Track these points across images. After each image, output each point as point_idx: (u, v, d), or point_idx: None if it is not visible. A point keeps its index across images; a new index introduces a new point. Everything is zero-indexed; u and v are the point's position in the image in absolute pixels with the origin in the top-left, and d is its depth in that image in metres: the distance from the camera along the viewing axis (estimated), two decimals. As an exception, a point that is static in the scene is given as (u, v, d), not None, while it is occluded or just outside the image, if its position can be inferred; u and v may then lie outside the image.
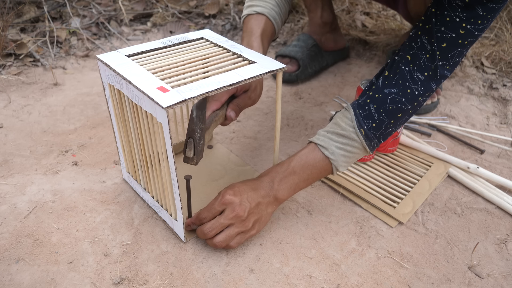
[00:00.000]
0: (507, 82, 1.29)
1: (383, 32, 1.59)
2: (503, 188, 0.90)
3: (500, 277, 0.71)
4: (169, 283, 0.67)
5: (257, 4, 0.88)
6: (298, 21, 1.71)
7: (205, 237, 0.70)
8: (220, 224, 0.69)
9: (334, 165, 0.74)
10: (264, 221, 0.74)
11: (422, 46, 0.71)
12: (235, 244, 0.71)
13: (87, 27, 1.58)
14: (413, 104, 0.73)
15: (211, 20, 1.72)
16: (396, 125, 0.75)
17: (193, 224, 0.74)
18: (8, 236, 0.74)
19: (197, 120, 0.64)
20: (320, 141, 0.74)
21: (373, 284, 0.69)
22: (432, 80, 0.72)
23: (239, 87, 0.78)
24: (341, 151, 0.73)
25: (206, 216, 0.71)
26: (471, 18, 0.67)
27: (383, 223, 0.81)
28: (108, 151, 0.96)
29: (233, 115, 0.77)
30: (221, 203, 0.70)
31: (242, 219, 0.70)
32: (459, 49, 0.70)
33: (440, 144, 1.03)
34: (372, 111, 0.73)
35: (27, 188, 0.85)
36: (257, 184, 0.74)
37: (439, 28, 0.69)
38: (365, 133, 0.73)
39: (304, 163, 0.74)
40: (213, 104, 0.74)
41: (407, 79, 0.72)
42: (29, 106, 1.12)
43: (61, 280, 0.67)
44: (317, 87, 1.27)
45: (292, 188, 0.75)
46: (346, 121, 0.74)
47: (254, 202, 0.71)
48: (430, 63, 0.71)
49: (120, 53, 0.72)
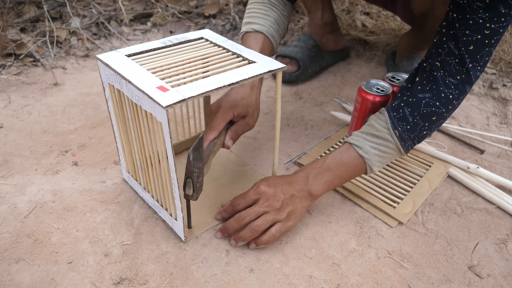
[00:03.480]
0: (507, 82, 1.29)
1: (383, 32, 1.59)
2: (503, 188, 0.89)
3: (500, 277, 0.71)
4: (169, 283, 0.67)
5: (256, 22, 0.89)
6: (298, 21, 1.71)
7: (239, 222, 0.72)
8: (255, 212, 0.71)
9: (368, 164, 0.75)
10: (300, 214, 0.75)
11: (450, 52, 0.71)
12: (277, 232, 0.71)
13: (87, 27, 1.58)
14: (448, 108, 0.74)
15: (211, 20, 1.72)
16: (431, 128, 0.76)
17: (224, 211, 0.76)
18: (8, 236, 0.74)
19: (194, 162, 0.66)
20: (354, 141, 0.76)
21: (373, 284, 0.69)
22: (465, 83, 0.73)
23: (235, 114, 0.79)
24: (375, 150, 0.74)
25: (240, 202, 0.74)
26: (494, 18, 0.67)
27: (383, 223, 0.81)
28: (108, 151, 0.96)
29: (230, 144, 0.79)
30: (255, 192, 0.73)
31: (277, 207, 0.71)
32: (487, 48, 0.70)
33: (440, 144, 1.03)
34: (406, 114, 0.74)
35: (27, 188, 0.85)
36: (292, 179, 0.76)
37: (463, 32, 0.69)
38: (400, 134, 0.74)
39: (338, 160, 0.75)
40: (210, 134, 0.76)
41: (440, 84, 0.73)
42: (29, 106, 1.12)
43: (61, 280, 0.67)
44: (317, 87, 1.27)
45: (326, 184, 0.76)
46: (380, 122, 0.75)
47: (288, 194, 0.73)
48: (461, 67, 0.71)
49: (120, 53, 0.72)
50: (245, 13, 0.93)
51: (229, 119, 0.79)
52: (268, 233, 0.71)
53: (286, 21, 0.95)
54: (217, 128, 0.77)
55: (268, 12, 0.90)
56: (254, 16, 0.90)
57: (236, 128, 0.80)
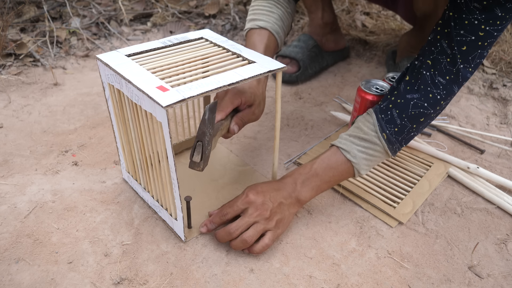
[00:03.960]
0: (507, 82, 1.29)
1: (383, 32, 1.59)
2: (503, 188, 0.89)
3: (500, 277, 0.71)
4: (169, 283, 0.67)
5: (260, 19, 0.88)
6: (298, 21, 1.71)
7: (230, 236, 0.70)
8: (245, 223, 0.70)
9: (356, 168, 0.75)
10: (288, 221, 0.75)
11: (442, 51, 0.71)
12: (270, 241, 0.71)
13: (87, 27, 1.58)
14: (436, 108, 0.73)
15: (211, 20, 1.72)
16: (418, 129, 0.76)
17: (211, 223, 0.74)
18: (8, 236, 0.74)
19: (208, 123, 0.63)
20: (342, 144, 0.75)
21: (373, 284, 0.69)
22: (454, 83, 0.72)
23: (243, 101, 0.77)
24: (363, 154, 0.74)
25: (228, 212, 0.73)
26: (489, 20, 0.66)
27: (383, 223, 0.80)
28: (108, 151, 0.96)
29: (236, 129, 0.77)
30: (244, 201, 0.72)
31: (266, 217, 0.71)
32: (480, 50, 0.69)
33: (440, 144, 1.03)
34: (394, 116, 0.73)
35: (27, 188, 0.85)
36: (279, 185, 0.75)
37: (458, 31, 0.69)
38: (387, 137, 0.74)
39: (326, 165, 0.75)
40: (217, 114, 0.74)
41: (429, 83, 0.72)
42: (29, 106, 1.12)
43: (61, 280, 0.67)
44: (317, 87, 1.27)
45: (314, 190, 0.75)
46: (368, 125, 0.75)
47: (277, 202, 0.72)
48: (452, 67, 0.71)
49: (120, 53, 0.72)
50: (249, 10, 0.93)
51: (237, 104, 0.76)
52: (262, 243, 0.70)
53: (290, 18, 0.95)
54: (225, 110, 0.73)
55: (273, 9, 0.90)
56: (258, 13, 0.90)
57: (242, 115, 0.78)
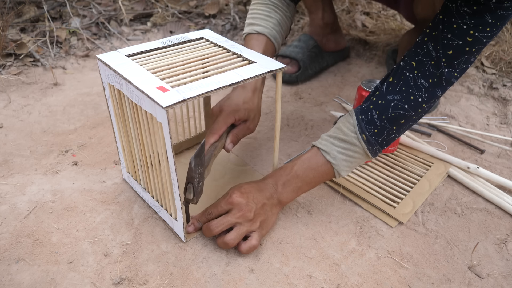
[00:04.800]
0: (507, 82, 1.29)
1: (383, 32, 1.59)
2: (503, 188, 0.89)
3: (500, 277, 0.71)
4: (169, 283, 0.67)
5: (258, 23, 0.88)
6: (298, 21, 1.71)
7: (210, 233, 0.71)
8: (227, 221, 0.71)
9: (336, 170, 0.74)
10: (271, 221, 0.75)
11: (427, 53, 0.70)
12: (257, 242, 0.71)
13: (87, 27, 1.58)
14: (417, 111, 0.72)
15: (211, 20, 1.72)
16: (399, 131, 0.75)
17: (197, 221, 0.75)
18: (8, 236, 0.74)
19: (195, 168, 0.66)
20: (322, 145, 0.75)
21: (373, 284, 0.69)
22: (437, 87, 0.71)
23: (237, 118, 0.79)
24: (342, 156, 0.74)
25: (212, 211, 0.73)
26: (479, 26, 0.65)
27: (383, 223, 0.81)
28: (108, 151, 0.96)
29: (231, 147, 0.79)
30: (228, 202, 0.72)
31: (250, 218, 0.71)
32: (466, 56, 0.68)
33: (440, 144, 1.03)
34: (374, 117, 0.73)
35: (27, 188, 0.85)
36: (262, 186, 0.75)
37: (445, 35, 0.68)
38: (367, 138, 0.73)
39: (306, 167, 0.75)
40: (211, 138, 0.76)
41: (411, 85, 0.71)
42: (29, 106, 1.12)
43: (61, 280, 0.67)
44: (317, 87, 1.27)
45: (295, 191, 0.76)
46: (348, 126, 0.74)
47: (260, 203, 0.73)
48: (435, 70, 0.70)
49: (120, 53, 0.72)
50: (248, 13, 0.92)
51: (231, 123, 0.79)
52: (249, 244, 0.71)
53: (289, 22, 0.95)
54: (218, 132, 0.77)
55: (271, 13, 0.90)
56: (257, 17, 0.89)
57: (237, 131, 0.81)
